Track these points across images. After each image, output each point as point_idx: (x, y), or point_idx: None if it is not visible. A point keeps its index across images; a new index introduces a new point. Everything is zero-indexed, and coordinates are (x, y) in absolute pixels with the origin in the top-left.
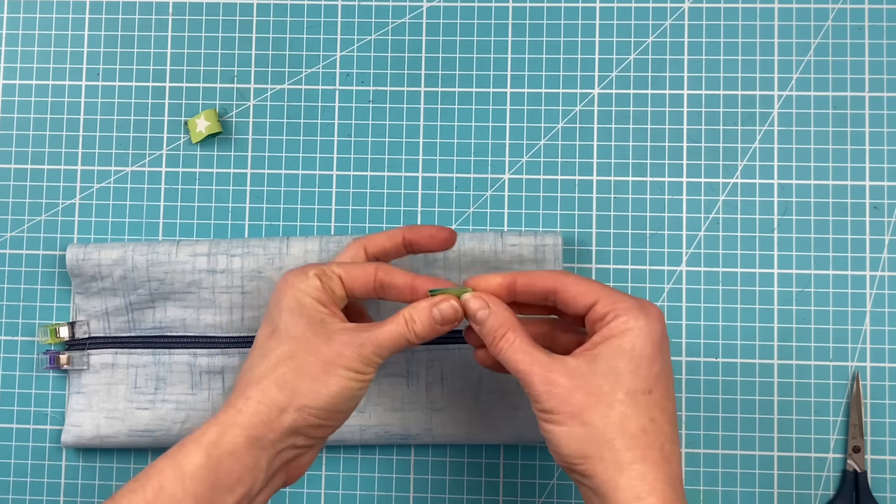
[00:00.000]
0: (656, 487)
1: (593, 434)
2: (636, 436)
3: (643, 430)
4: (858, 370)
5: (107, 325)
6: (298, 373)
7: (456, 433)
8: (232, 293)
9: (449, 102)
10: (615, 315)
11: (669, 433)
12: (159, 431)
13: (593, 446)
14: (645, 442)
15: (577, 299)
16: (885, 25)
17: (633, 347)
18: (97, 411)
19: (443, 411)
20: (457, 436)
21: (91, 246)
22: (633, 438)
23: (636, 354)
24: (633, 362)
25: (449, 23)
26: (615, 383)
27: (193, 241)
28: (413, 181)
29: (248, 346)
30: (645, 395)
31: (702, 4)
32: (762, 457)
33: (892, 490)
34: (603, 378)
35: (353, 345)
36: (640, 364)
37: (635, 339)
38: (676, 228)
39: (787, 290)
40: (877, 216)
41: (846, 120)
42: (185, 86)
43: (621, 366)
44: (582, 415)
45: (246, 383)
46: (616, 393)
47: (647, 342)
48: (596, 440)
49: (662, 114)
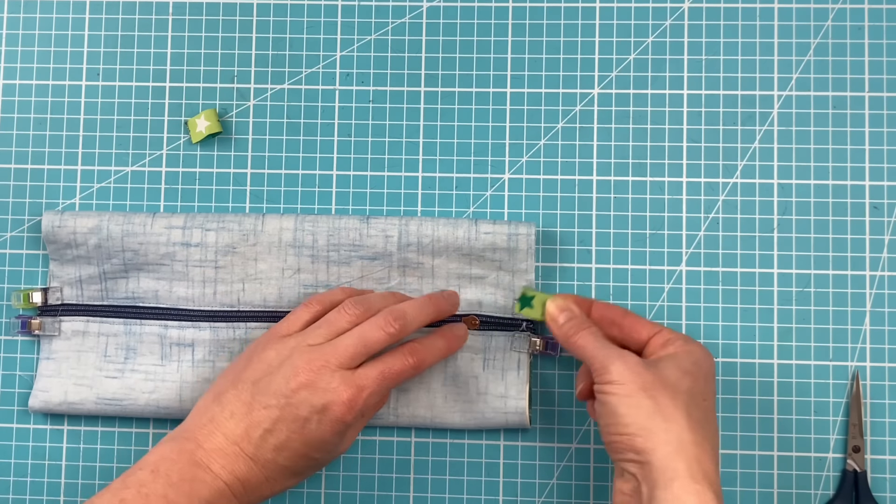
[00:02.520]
0: (709, 475)
1: (661, 407)
2: (697, 423)
3: (700, 423)
4: (858, 370)
5: (80, 292)
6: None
7: (420, 415)
8: (205, 267)
9: (449, 102)
10: (677, 339)
11: (716, 442)
12: (127, 401)
13: (659, 418)
14: (702, 433)
15: (642, 329)
16: (885, 25)
17: (695, 361)
18: (66, 378)
19: (408, 392)
20: (420, 417)
21: (67, 213)
22: (696, 423)
23: (698, 367)
24: (694, 371)
25: (449, 23)
26: (680, 379)
27: (169, 214)
28: (413, 181)
29: (219, 321)
30: (703, 399)
31: (702, 4)
32: (762, 457)
33: (892, 490)
34: (669, 372)
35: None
36: (698, 376)
37: (697, 357)
38: (676, 228)
39: (787, 290)
40: (877, 216)
41: (846, 120)
42: (185, 86)
43: (687, 368)
44: (651, 389)
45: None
46: (680, 385)
47: (706, 363)
48: (663, 413)
49: (662, 114)
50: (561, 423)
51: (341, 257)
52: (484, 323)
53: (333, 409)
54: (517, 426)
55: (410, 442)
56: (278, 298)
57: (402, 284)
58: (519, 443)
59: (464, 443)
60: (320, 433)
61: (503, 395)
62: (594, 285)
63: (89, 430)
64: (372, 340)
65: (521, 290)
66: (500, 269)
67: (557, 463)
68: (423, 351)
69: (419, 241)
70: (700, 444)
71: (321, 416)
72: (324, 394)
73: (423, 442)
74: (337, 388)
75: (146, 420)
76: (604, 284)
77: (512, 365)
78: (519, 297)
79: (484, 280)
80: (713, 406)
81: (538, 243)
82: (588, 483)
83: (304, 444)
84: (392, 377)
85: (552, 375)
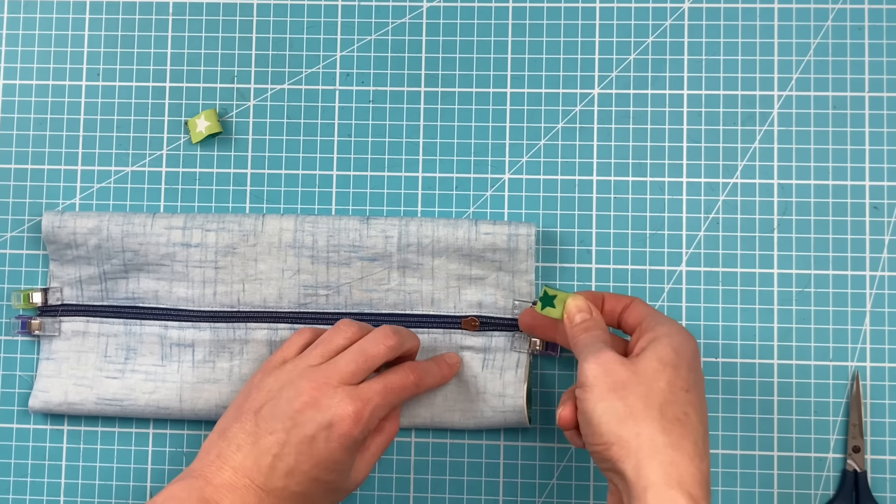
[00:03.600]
0: (685, 479)
1: (632, 410)
2: (672, 422)
3: (678, 420)
4: (858, 370)
5: (80, 292)
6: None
7: (419, 415)
8: (205, 268)
9: (449, 102)
10: (658, 324)
11: (702, 433)
12: (127, 401)
13: (631, 422)
14: (680, 431)
15: (629, 318)
16: (885, 25)
17: (676, 349)
18: (66, 378)
19: None
20: (420, 417)
21: (67, 214)
22: (670, 423)
23: (678, 355)
24: (674, 361)
25: (449, 23)
26: (658, 372)
27: (169, 215)
28: (413, 181)
29: (219, 321)
30: (683, 391)
31: (702, 4)
32: (762, 457)
33: (892, 490)
34: (647, 365)
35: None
36: (679, 364)
37: (678, 344)
38: (676, 228)
39: (787, 290)
40: (877, 216)
41: (846, 120)
42: (185, 86)
43: (666, 358)
44: (623, 389)
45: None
46: (658, 381)
47: (687, 349)
48: (634, 416)
49: (662, 114)
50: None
51: (341, 258)
52: (483, 324)
53: (339, 424)
54: (516, 425)
55: (410, 442)
56: (278, 299)
57: (402, 285)
58: (519, 443)
59: (464, 443)
60: (329, 451)
61: (501, 393)
62: (594, 285)
63: (89, 430)
64: (371, 354)
65: (543, 289)
66: (500, 270)
67: (557, 463)
68: (422, 370)
69: (419, 242)
70: (677, 444)
71: (328, 433)
72: (328, 410)
73: (423, 442)
74: (341, 403)
75: (146, 420)
76: (604, 284)
77: (511, 364)
78: (541, 296)
79: (484, 281)
80: (699, 395)
81: (538, 243)
82: (588, 483)
83: (315, 465)
84: (395, 392)
85: (552, 375)
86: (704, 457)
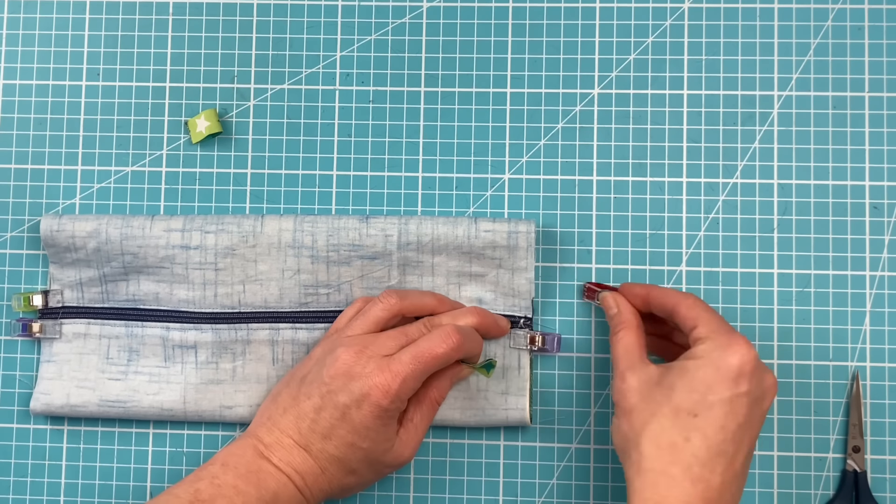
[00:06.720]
0: (667, 500)
1: (630, 433)
2: (662, 448)
3: (672, 446)
4: (858, 370)
5: (80, 295)
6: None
7: None
8: (205, 269)
9: (449, 102)
10: (702, 341)
11: (703, 458)
12: (131, 402)
13: (627, 444)
14: (670, 457)
15: (685, 321)
16: (885, 25)
17: (696, 371)
18: (68, 380)
19: None
20: None
21: (65, 217)
22: (659, 450)
23: (696, 378)
24: (690, 384)
25: (449, 23)
26: (667, 397)
27: (168, 217)
28: (413, 181)
29: (220, 322)
30: (689, 415)
31: (702, 4)
32: (762, 457)
33: (892, 490)
34: (660, 389)
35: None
36: (695, 387)
37: (702, 364)
38: (676, 228)
39: (787, 290)
40: (877, 216)
41: (846, 120)
42: (185, 86)
43: (679, 383)
44: (630, 414)
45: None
46: (663, 406)
47: (713, 371)
48: (630, 439)
49: (662, 114)
50: (561, 423)
51: (341, 257)
52: None
53: (370, 394)
54: (517, 424)
55: None
56: (279, 299)
57: (401, 283)
58: (519, 443)
59: (464, 443)
60: (361, 419)
61: (504, 392)
62: None
63: (89, 430)
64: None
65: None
66: (499, 267)
67: (557, 463)
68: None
69: (419, 240)
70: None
71: (360, 402)
72: (359, 378)
73: (422, 442)
74: (371, 373)
75: (146, 421)
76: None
77: (513, 363)
78: (483, 362)
79: (484, 278)
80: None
81: (538, 243)
82: (588, 483)
83: (350, 431)
84: (427, 360)
85: (552, 375)
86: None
